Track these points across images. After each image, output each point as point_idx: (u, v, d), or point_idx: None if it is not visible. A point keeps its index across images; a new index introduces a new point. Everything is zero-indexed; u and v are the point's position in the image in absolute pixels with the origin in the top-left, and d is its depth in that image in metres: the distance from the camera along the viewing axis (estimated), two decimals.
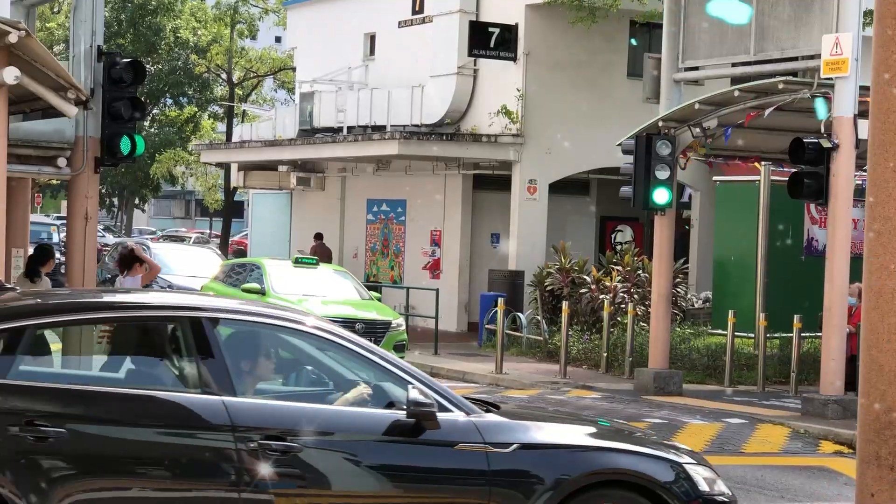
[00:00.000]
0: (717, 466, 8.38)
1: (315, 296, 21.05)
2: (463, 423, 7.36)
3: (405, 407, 7.18)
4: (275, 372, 7.89)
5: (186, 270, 25.44)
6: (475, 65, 28.32)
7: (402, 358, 11.56)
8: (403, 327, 21.12)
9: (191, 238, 55.21)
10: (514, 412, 8.16)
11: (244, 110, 49.48)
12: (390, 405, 7.36)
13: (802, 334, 19.33)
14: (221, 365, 7.15)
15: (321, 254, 29.12)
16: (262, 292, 20.69)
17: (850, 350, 17.01)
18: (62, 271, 21.28)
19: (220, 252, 31.39)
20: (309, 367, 7.91)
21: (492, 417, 7.53)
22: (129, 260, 15.51)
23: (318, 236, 31.31)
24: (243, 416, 7.00)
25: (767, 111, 17.75)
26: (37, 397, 6.82)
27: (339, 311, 20.48)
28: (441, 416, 7.24)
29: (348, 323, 20.17)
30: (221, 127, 55.27)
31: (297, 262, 22.74)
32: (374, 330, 20.27)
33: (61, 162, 13.36)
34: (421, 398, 7.15)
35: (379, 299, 22.83)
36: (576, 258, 25.13)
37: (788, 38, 17.93)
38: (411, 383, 7.29)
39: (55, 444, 6.70)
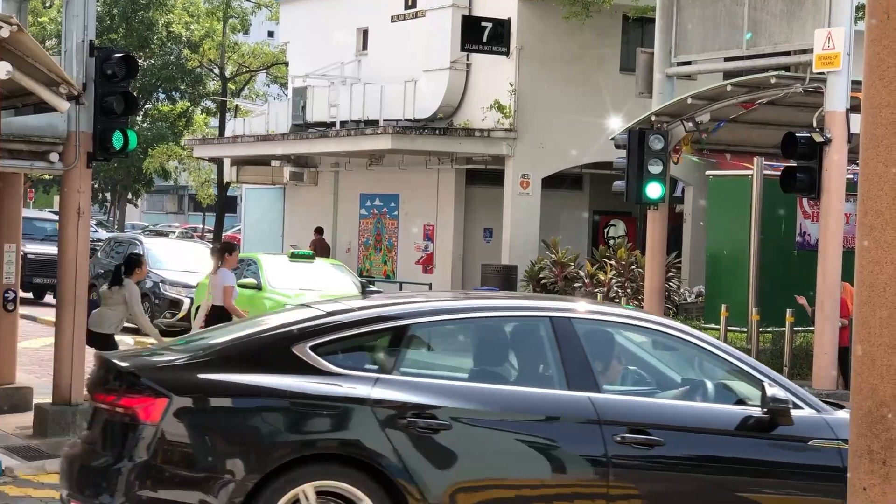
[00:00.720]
0: None
1: (312, 290, 21.00)
2: (815, 419, 7.54)
3: (759, 403, 7.41)
4: (624, 368, 8.21)
5: (180, 266, 25.40)
6: (468, 59, 28.31)
7: None
8: None
9: (174, 233, 55.16)
10: None
11: (237, 105, 49.41)
12: (740, 401, 7.62)
13: (795, 328, 19.35)
14: (585, 362, 7.51)
15: (320, 248, 29.08)
16: (258, 287, 20.63)
17: (841, 343, 17.06)
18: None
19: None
20: (653, 364, 8.22)
21: (842, 414, 7.64)
22: (220, 251, 15.89)
23: (319, 230, 31.27)
24: (608, 411, 7.33)
25: (759, 101, 17.76)
26: (422, 392, 7.21)
27: None
28: (793, 412, 7.44)
29: None
30: (214, 122, 55.23)
31: (293, 256, 22.71)
32: None
33: (53, 157, 13.32)
34: (780, 395, 7.41)
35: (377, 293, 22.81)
36: (569, 253, 25.13)
37: (781, 33, 17.94)
38: (764, 381, 7.51)
39: (440, 436, 7.11)
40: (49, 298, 27.24)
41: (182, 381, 7.09)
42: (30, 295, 29.48)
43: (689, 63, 19.60)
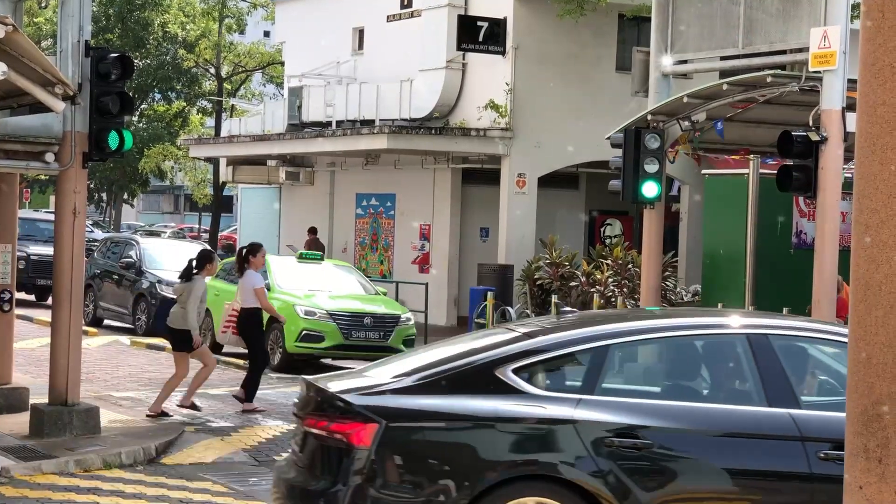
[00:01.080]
0: None
1: (321, 291, 21.00)
2: None
3: None
4: (820, 382, 8.24)
5: (177, 266, 25.33)
6: (464, 59, 28.31)
7: None
8: (412, 321, 20.98)
9: (167, 233, 55.11)
10: None
11: (233, 105, 49.38)
12: None
13: None
14: (784, 379, 7.59)
15: (315, 248, 29.08)
16: (266, 288, 20.64)
17: None
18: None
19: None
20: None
21: None
22: (245, 254, 16.08)
23: (313, 230, 31.24)
24: (810, 427, 7.40)
25: (755, 100, 17.76)
26: (624, 412, 7.38)
27: (347, 306, 20.42)
28: None
29: (356, 317, 20.12)
30: (210, 122, 55.20)
31: (301, 257, 22.73)
32: (383, 324, 20.21)
33: (49, 157, 13.31)
34: None
35: (385, 293, 22.80)
36: (565, 252, 25.13)
37: (777, 32, 17.94)
38: None
39: (643, 455, 7.27)
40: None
41: (391, 406, 7.33)
42: (32, 297, 29.45)
43: (685, 62, 19.59)
